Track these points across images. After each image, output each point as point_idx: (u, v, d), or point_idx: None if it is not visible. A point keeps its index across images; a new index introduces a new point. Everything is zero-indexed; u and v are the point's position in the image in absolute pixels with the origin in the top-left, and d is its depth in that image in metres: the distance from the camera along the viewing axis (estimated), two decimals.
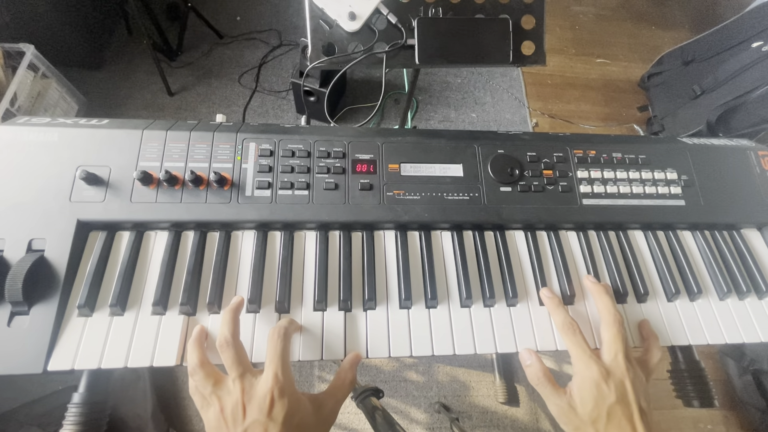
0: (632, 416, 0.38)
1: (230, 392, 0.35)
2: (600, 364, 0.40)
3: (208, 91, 1.66)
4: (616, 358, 0.40)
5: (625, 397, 0.38)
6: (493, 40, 0.64)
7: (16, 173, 0.44)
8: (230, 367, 0.37)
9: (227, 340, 0.37)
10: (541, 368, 0.43)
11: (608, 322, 0.43)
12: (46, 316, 0.39)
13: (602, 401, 0.38)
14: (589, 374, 0.39)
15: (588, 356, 0.40)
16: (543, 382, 0.42)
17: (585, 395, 0.39)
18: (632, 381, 0.39)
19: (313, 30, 0.62)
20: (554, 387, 0.42)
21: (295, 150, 0.50)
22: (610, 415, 0.38)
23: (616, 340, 0.41)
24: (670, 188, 0.54)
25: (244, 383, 0.35)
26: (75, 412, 0.40)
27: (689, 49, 1.71)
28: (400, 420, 0.93)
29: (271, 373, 0.35)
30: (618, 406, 0.38)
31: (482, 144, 0.54)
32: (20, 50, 1.27)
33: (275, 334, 0.38)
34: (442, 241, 0.51)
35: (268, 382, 0.35)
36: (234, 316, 0.40)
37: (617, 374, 0.39)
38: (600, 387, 0.39)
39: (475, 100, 1.79)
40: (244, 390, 0.35)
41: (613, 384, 0.39)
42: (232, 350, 0.37)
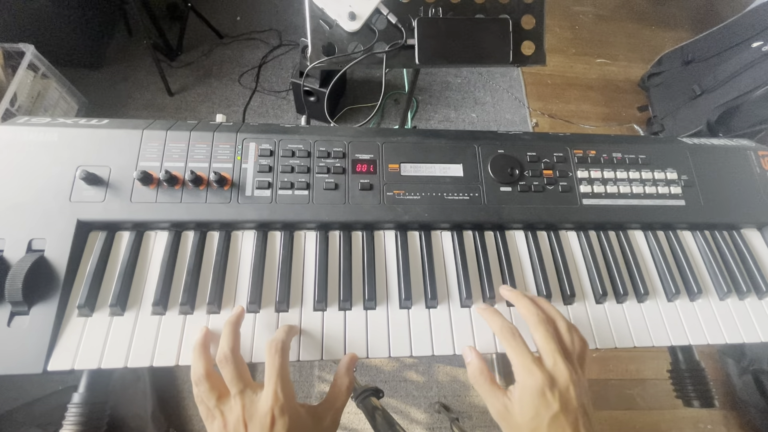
0: (576, 423, 0.36)
1: (232, 409, 0.35)
2: (543, 372, 0.37)
3: (208, 91, 1.66)
4: (555, 361, 0.38)
5: (569, 404, 0.36)
6: (493, 40, 0.64)
7: (16, 173, 0.44)
8: (230, 383, 0.36)
9: (226, 355, 0.37)
10: (480, 366, 0.41)
11: (534, 324, 0.41)
12: (46, 316, 0.39)
13: (544, 411, 0.36)
14: (532, 381, 0.37)
15: (530, 362, 0.38)
16: (480, 380, 0.41)
17: (526, 403, 0.37)
18: (576, 385, 0.37)
19: (313, 30, 0.62)
20: (492, 386, 0.40)
21: (295, 150, 0.50)
22: (552, 425, 0.36)
23: (547, 341, 0.39)
24: (670, 188, 0.54)
25: (245, 400, 0.35)
26: (75, 412, 0.40)
27: (689, 49, 1.71)
28: (400, 420, 0.93)
29: (271, 391, 0.35)
30: (561, 415, 0.36)
31: (482, 144, 0.54)
32: (20, 50, 1.27)
33: (272, 348, 0.38)
34: (442, 241, 0.51)
35: (268, 400, 0.35)
36: (234, 328, 0.40)
37: (561, 381, 0.37)
38: (543, 396, 0.37)
39: (475, 100, 1.79)
40: (245, 407, 0.35)
41: (558, 392, 0.37)
42: (232, 365, 0.37)
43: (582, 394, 0.37)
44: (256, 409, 0.35)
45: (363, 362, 1.24)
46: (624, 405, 1.31)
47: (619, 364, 1.36)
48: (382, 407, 0.67)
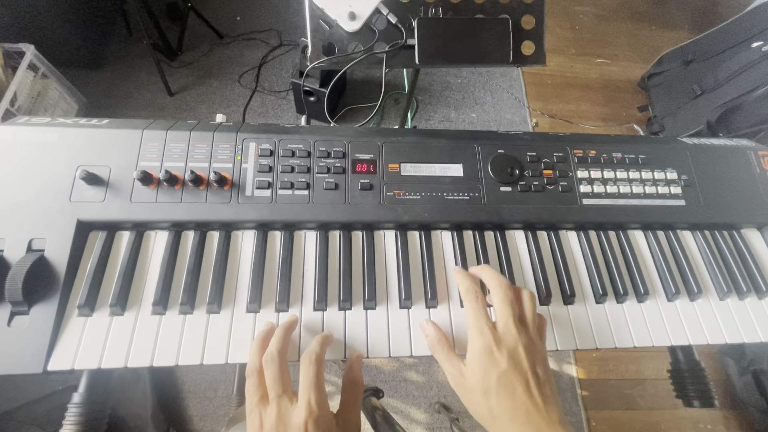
0: (527, 384, 0.36)
1: (268, 414, 0.36)
2: (493, 332, 0.38)
3: (208, 91, 1.66)
4: (506, 324, 0.38)
5: (518, 364, 0.37)
6: (493, 40, 0.64)
7: (16, 173, 0.44)
8: (270, 385, 0.37)
9: (273, 356, 0.38)
10: (437, 335, 0.42)
11: (494, 288, 0.41)
12: (46, 316, 0.39)
13: (492, 369, 0.36)
14: (482, 341, 0.38)
15: (483, 323, 0.39)
16: (438, 348, 0.41)
17: (476, 363, 0.38)
18: (525, 347, 0.37)
19: (313, 30, 0.62)
20: (450, 353, 0.41)
21: (295, 150, 0.50)
22: (501, 384, 0.36)
23: (503, 305, 0.39)
24: (670, 188, 0.54)
25: (281, 407, 0.35)
26: (75, 412, 0.40)
27: (689, 49, 1.71)
28: (400, 420, 0.93)
29: (305, 403, 0.35)
30: (510, 373, 0.36)
31: (482, 144, 0.54)
32: (20, 50, 1.27)
33: (306, 360, 0.38)
34: (442, 240, 0.51)
35: (302, 413, 0.35)
36: (286, 333, 0.40)
37: (509, 341, 0.38)
38: (491, 355, 0.37)
39: (475, 100, 1.79)
40: (280, 415, 0.35)
41: (506, 351, 0.37)
42: (276, 368, 0.37)
43: (535, 359, 0.37)
44: (290, 420, 0.35)
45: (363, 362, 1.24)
46: (624, 405, 1.31)
47: (619, 364, 1.36)
48: (382, 407, 0.67)
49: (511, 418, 0.35)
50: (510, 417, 0.35)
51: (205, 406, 1.17)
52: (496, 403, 0.36)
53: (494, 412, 0.36)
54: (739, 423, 1.31)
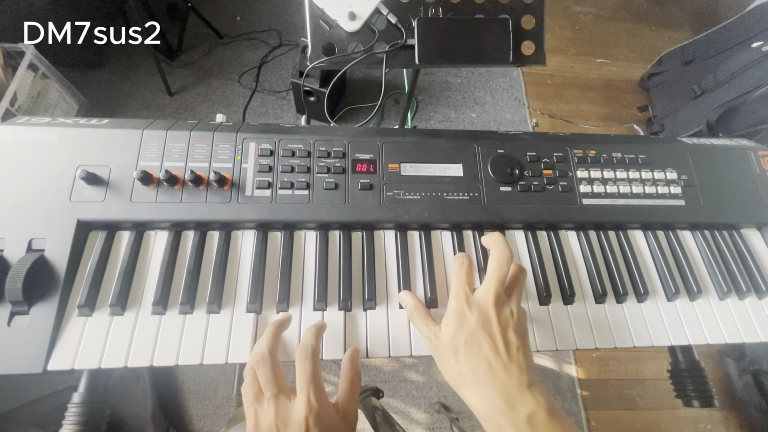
0: (495, 345, 0.36)
1: (265, 413, 0.35)
2: (469, 296, 0.39)
3: (208, 91, 1.66)
4: (487, 291, 0.39)
5: (488, 326, 0.37)
6: (493, 40, 0.64)
7: (16, 173, 0.44)
8: (264, 385, 0.36)
9: (263, 356, 0.37)
10: (415, 303, 0.43)
11: (494, 257, 0.40)
12: (46, 316, 0.39)
13: (461, 328, 0.37)
14: (456, 303, 0.39)
15: (461, 288, 0.39)
16: (416, 315, 0.42)
17: (447, 324, 0.38)
18: (499, 313, 0.37)
19: (313, 30, 0.62)
20: (427, 318, 0.41)
21: (295, 150, 0.50)
22: (469, 343, 0.36)
23: (492, 276, 0.39)
24: (670, 188, 0.54)
25: (278, 405, 0.35)
26: (75, 412, 0.40)
27: (689, 49, 1.71)
28: (400, 420, 0.93)
29: (304, 399, 0.35)
30: (480, 334, 0.36)
31: (482, 144, 0.54)
32: (20, 50, 1.27)
33: (302, 355, 0.37)
34: (442, 240, 0.51)
35: (302, 410, 0.34)
36: (277, 331, 0.40)
37: (482, 304, 0.38)
38: (461, 314, 0.37)
39: (475, 100, 1.79)
40: (278, 413, 0.35)
41: (477, 312, 0.37)
42: (267, 367, 0.37)
43: (509, 325, 0.37)
44: (289, 417, 0.35)
45: (363, 362, 1.24)
46: (624, 405, 1.31)
47: (619, 364, 1.36)
48: (382, 407, 0.67)
49: (476, 378, 0.35)
50: (475, 377, 0.35)
51: (205, 406, 1.17)
52: (464, 362, 0.36)
53: (461, 372, 0.36)
54: (739, 423, 1.31)
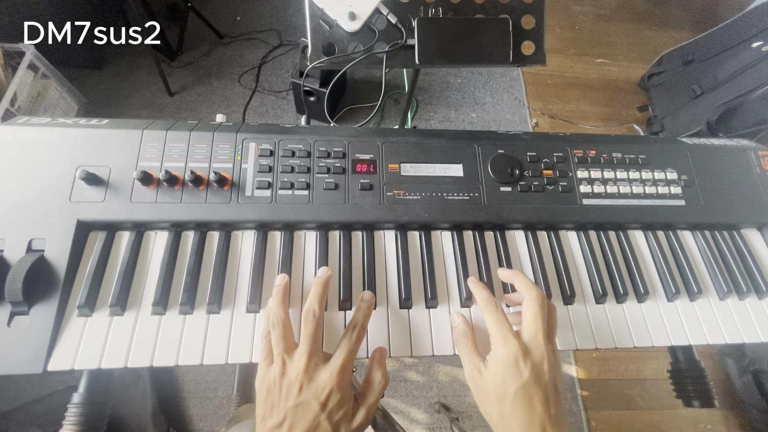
0: (546, 398, 0.36)
1: (295, 364, 0.36)
2: (520, 342, 0.38)
3: (208, 91, 1.66)
4: (536, 336, 0.38)
5: (540, 378, 0.36)
6: (493, 40, 0.64)
7: (16, 173, 0.44)
8: (304, 339, 0.37)
9: (315, 312, 0.38)
10: (465, 329, 0.43)
11: (530, 300, 0.40)
12: (46, 316, 0.39)
13: (513, 379, 0.36)
14: (506, 350, 0.38)
15: (507, 331, 0.39)
16: (463, 342, 0.42)
17: (497, 369, 0.37)
18: (551, 364, 0.37)
19: (313, 30, 0.62)
20: (473, 349, 0.41)
21: (295, 150, 0.50)
22: (519, 395, 0.36)
23: (536, 319, 0.39)
24: (670, 188, 0.54)
25: (310, 362, 0.36)
26: (75, 412, 0.40)
27: (689, 49, 1.71)
28: (400, 420, 0.93)
29: (338, 367, 0.36)
30: (531, 386, 0.36)
31: (482, 144, 0.54)
32: (20, 50, 1.27)
33: (353, 331, 0.39)
34: (442, 241, 0.51)
35: (333, 375, 0.35)
36: (325, 288, 0.41)
37: (536, 354, 0.37)
38: (517, 364, 0.37)
39: (475, 100, 1.79)
40: (308, 368, 0.36)
41: (531, 364, 0.37)
42: (314, 325, 0.38)
43: (556, 375, 0.38)
44: (317, 377, 0.36)
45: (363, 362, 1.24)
46: (624, 405, 1.31)
47: (619, 364, 1.36)
48: (382, 407, 0.67)
49: (524, 429, 0.35)
50: (522, 428, 0.35)
51: (205, 406, 1.17)
52: (510, 411, 0.36)
53: (506, 420, 0.36)
54: (739, 423, 1.31)
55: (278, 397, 0.35)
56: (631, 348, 0.47)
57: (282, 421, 0.34)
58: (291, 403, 0.34)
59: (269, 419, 0.35)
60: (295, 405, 0.34)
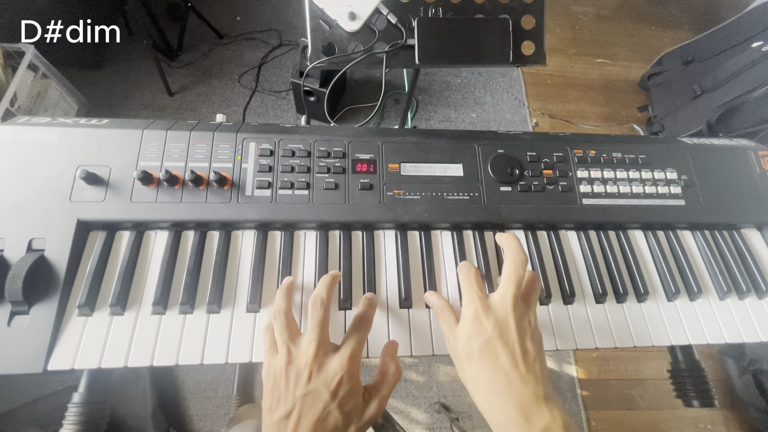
0: (512, 354, 0.35)
1: (303, 352, 0.35)
2: (483, 300, 0.38)
3: (208, 91, 1.66)
4: (504, 296, 0.37)
5: (506, 334, 0.35)
6: (493, 40, 0.64)
7: (16, 173, 0.44)
8: (312, 327, 0.36)
9: (323, 300, 0.38)
10: (441, 303, 0.43)
11: (508, 260, 0.39)
12: (46, 316, 0.39)
13: (477, 335, 0.36)
14: (470, 308, 0.38)
15: (474, 292, 0.38)
16: (442, 315, 0.41)
17: (463, 329, 0.37)
18: (517, 321, 0.36)
19: (313, 30, 0.62)
20: (450, 318, 0.40)
21: (295, 150, 0.50)
22: (483, 350, 0.35)
23: (510, 279, 0.38)
24: (670, 188, 0.54)
25: (319, 350, 0.35)
26: (75, 412, 0.40)
27: (689, 49, 1.71)
28: (400, 420, 0.93)
29: (347, 355, 0.35)
30: (495, 341, 0.35)
31: (482, 144, 0.54)
32: (20, 50, 1.27)
33: (362, 323, 0.39)
34: (441, 240, 0.51)
35: (343, 363, 0.35)
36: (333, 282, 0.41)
37: (499, 311, 0.37)
38: (479, 320, 0.36)
39: (475, 100, 1.79)
40: (317, 357, 0.35)
41: (494, 318, 0.36)
42: (322, 313, 0.37)
43: (526, 334, 0.36)
44: (327, 365, 0.35)
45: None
46: (624, 405, 1.31)
47: (619, 364, 1.36)
48: None
49: (491, 387, 0.34)
50: (489, 386, 0.35)
51: (205, 406, 1.17)
52: (477, 368, 0.35)
53: (476, 380, 0.36)
54: (739, 423, 1.31)
55: (286, 387, 0.34)
56: (631, 348, 0.47)
57: (290, 410, 0.33)
58: (300, 391, 0.33)
59: (276, 410, 0.34)
60: (305, 393, 0.33)
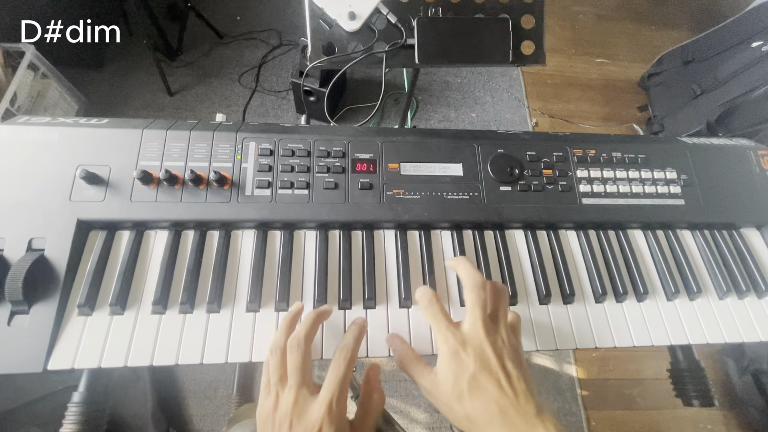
0: (498, 382, 0.34)
1: (284, 398, 0.35)
2: (457, 335, 0.37)
3: (208, 91, 1.66)
4: (474, 324, 0.37)
5: (488, 365, 0.35)
6: (493, 40, 0.64)
7: (16, 173, 0.44)
8: (291, 371, 0.36)
9: (300, 342, 0.36)
10: (403, 349, 0.41)
11: (467, 288, 0.39)
12: (46, 316, 0.39)
13: (462, 374, 0.35)
14: (447, 347, 0.36)
15: (445, 327, 0.37)
16: (406, 362, 0.39)
17: (445, 370, 0.36)
18: (493, 345, 0.36)
19: (313, 30, 0.62)
20: (419, 365, 0.39)
21: (295, 149, 0.50)
22: (472, 386, 0.34)
23: (474, 307, 0.38)
24: (670, 188, 0.54)
25: (299, 396, 0.34)
26: (75, 412, 0.40)
27: (689, 49, 1.71)
28: (400, 420, 0.93)
29: (327, 400, 0.34)
30: (480, 375, 0.35)
31: (482, 143, 0.54)
32: (20, 50, 1.27)
33: (341, 357, 0.36)
34: (441, 240, 0.51)
35: (321, 410, 0.33)
36: (317, 320, 0.39)
37: (474, 341, 0.36)
38: (457, 358, 0.36)
39: (475, 100, 1.79)
40: (296, 403, 0.34)
41: (472, 351, 0.35)
42: (300, 355, 0.36)
43: (503, 355, 0.36)
44: (307, 412, 0.34)
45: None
46: (624, 405, 1.31)
47: (618, 363, 1.36)
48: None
49: (488, 420, 0.34)
50: (486, 419, 0.34)
51: (205, 406, 1.17)
52: (470, 407, 0.34)
53: (471, 417, 0.35)
54: (739, 423, 1.31)
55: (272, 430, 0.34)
56: (630, 347, 0.47)
57: None
58: None
59: None
60: None
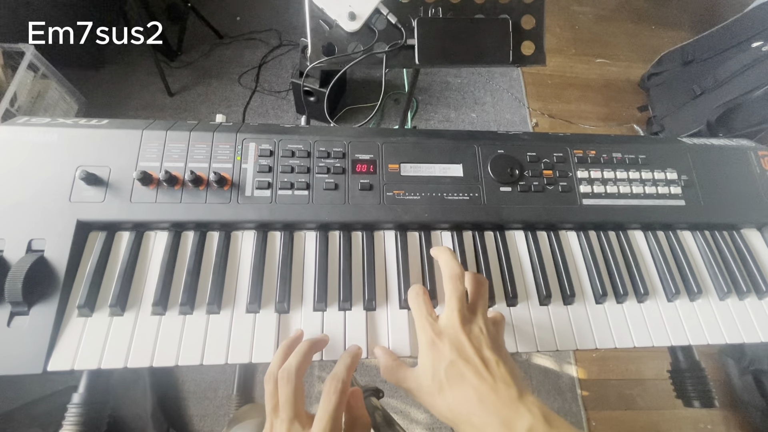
0: (476, 369, 0.34)
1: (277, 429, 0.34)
2: (434, 325, 0.37)
3: (208, 91, 1.66)
4: (450, 316, 0.37)
5: (463, 352, 0.35)
6: (493, 40, 0.64)
7: (16, 173, 0.44)
8: (282, 403, 0.35)
9: (290, 374, 0.35)
10: (387, 361, 0.40)
11: (445, 279, 0.39)
12: (45, 317, 0.39)
13: (439, 363, 0.35)
14: (424, 337, 0.37)
15: (423, 318, 0.38)
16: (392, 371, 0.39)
17: (424, 361, 0.36)
18: (468, 334, 0.36)
19: (313, 30, 0.62)
20: (403, 369, 0.39)
21: (295, 150, 0.50)
22: (450, 375, 0.34)
23: (451, 298, 0.38)
24: (670, 188, 0.54)
25: (291, 429, 0.34)
26: (75, 413, 0.40)
27: (689, 49, 1.71)
28: (400, 420, 0.93)
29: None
30: (458, 362, 0.34)
31: (482, 144, 0.53)
32: (20, 50, 1.27)
33: (332, 387, 0.35)
34: (442, 241, 0.51)
35: None
36: (310, 350, 0.39)
37: (450, 332, 0.36)
38: (434, 347, 0.36)
39: (475, 100, 1.79)
40: None
41: (447, 340, 0.36)
42: (291, 388, 0.35)
43: (481, 343, 0.36)
44: None
45: (363, 362, 1.24)
46: (624, 405, 1.31)
47: (619, 364, 1.36)
48: (381, 407, 0.67)
49: (469, 409, 0.33)
50: (468, 409, 0.33)
51: (205, 406, 1.17)
52: (452, 397, 0.34)
53: (453, 408, 0.34)
54: (739, 423, 1.31)
55: None
56: (631, 348, 0.47)
57: None
58: None
59: None
60: None
